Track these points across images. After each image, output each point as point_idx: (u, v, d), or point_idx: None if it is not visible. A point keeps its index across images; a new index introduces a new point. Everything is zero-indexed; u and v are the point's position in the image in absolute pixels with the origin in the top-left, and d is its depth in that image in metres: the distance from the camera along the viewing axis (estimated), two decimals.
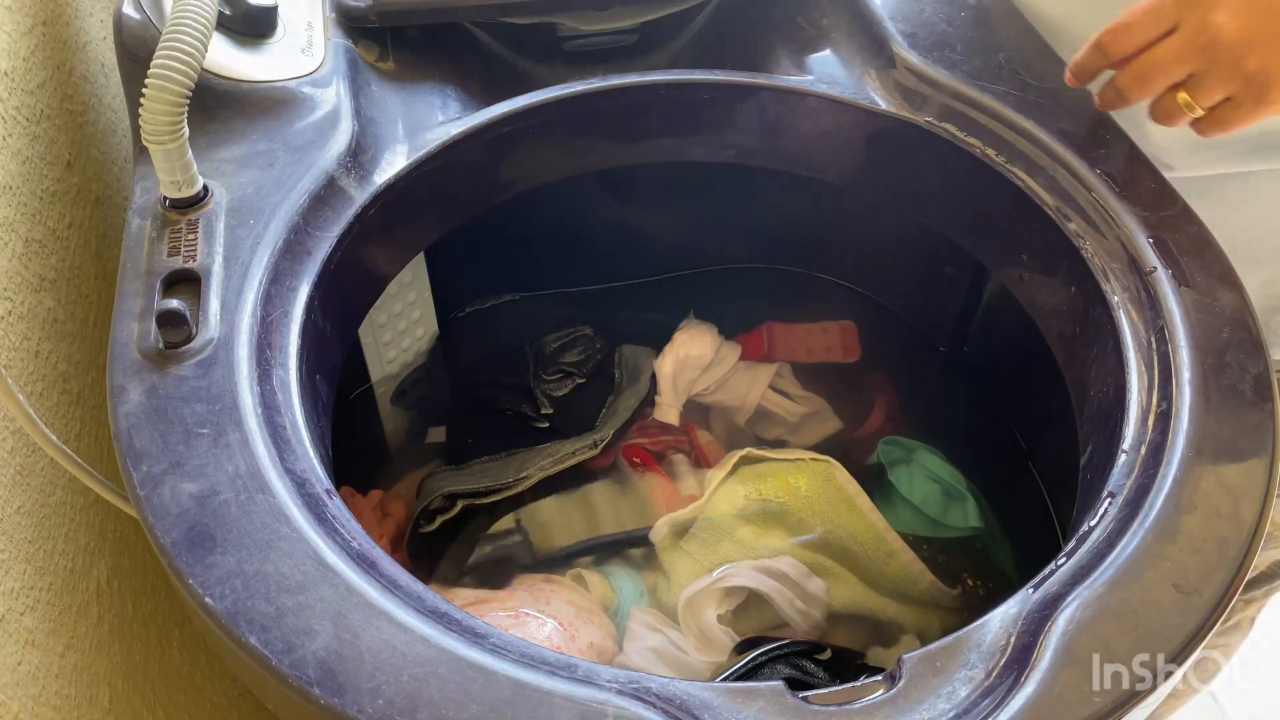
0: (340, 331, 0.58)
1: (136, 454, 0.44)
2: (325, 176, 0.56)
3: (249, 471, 0.43)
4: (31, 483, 0.53)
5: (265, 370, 0.48)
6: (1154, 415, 0.48)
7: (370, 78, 0.65)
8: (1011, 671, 0.39)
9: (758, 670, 0.56)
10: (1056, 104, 0.62)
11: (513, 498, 0.71)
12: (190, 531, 0.42)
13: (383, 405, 0.78)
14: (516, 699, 0.37)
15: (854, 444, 0.77)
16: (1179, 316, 0.51)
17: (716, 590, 0.63)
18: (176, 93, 0.49)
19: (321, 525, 0.42)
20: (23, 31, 0.58)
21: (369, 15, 0.65)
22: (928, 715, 0.38)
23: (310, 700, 0.37)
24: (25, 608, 0.50)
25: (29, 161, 0.57)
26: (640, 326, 0.82)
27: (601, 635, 0.61)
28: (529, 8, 0.67)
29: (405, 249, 0.65)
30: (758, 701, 0.38)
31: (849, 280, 0.86)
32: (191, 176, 0.53)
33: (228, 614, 0.39)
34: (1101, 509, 0.45)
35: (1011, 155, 0.60)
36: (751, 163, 0.70)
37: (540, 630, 0.58)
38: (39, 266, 0.57)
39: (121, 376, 0.47)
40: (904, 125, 0.63)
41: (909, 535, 0.68)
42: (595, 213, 0.79)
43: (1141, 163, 0.59)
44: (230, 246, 0.52)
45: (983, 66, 0.64)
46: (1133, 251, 0.54)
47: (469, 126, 0.62)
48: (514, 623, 0.59)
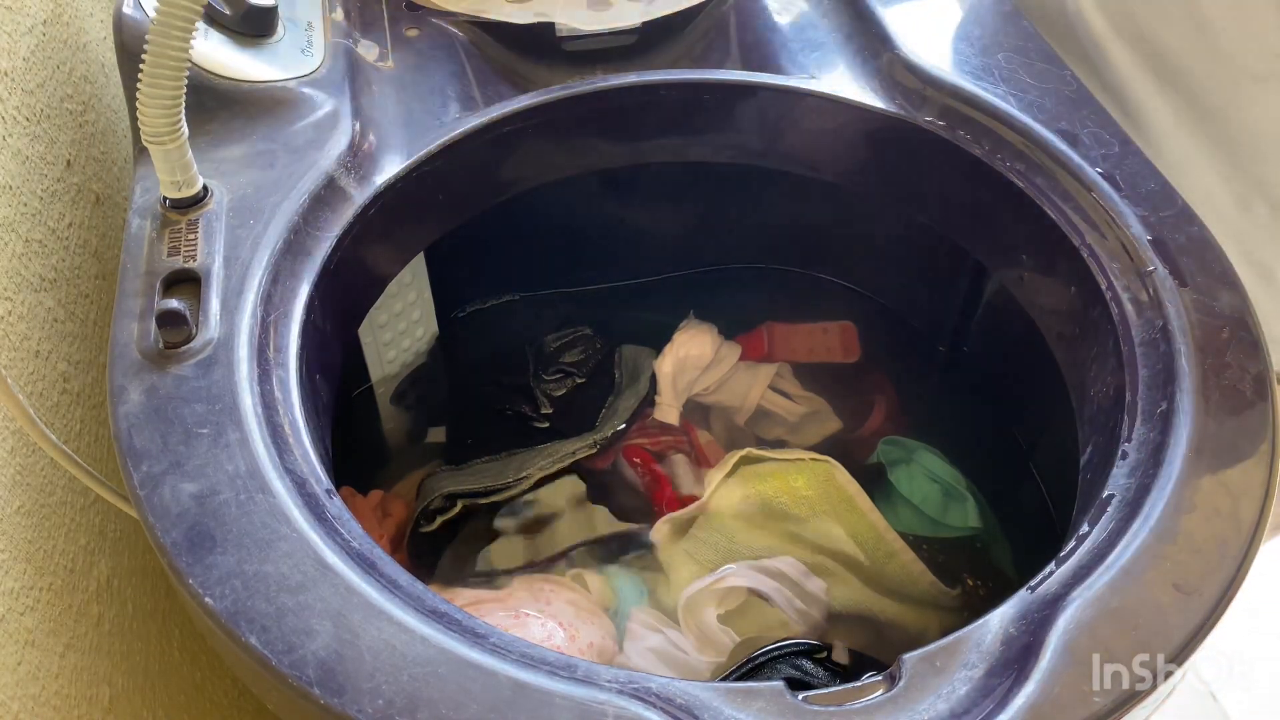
0: (340, 331, 0.58)
1: (136, 454, 0.44)
2: (325, 176, 0.56)
3: (249, 471, 0.44)
4: (31, 483, 0.53)
5: (265, 370, 0.48)
6: (1154, 415, 0.48)
7: (370, 78, 0.65)
8: (1011, 671, 0.39)
9: (758, 670, 0.56)
10: (1056, 104, 0.62)
11: (512, 498, 0.71)
12: (190, 531, 0.42)
13: (383, 405, 0.78)
14: (516, 699, 0.37)
15: (854, 444, 0.77)
16: (1179, 316, 0.51)
17: (716, 590, 0.63)
18: (169, 91, 0.49)
19: (321, 525, 0.42)
20: (23, 31, 0.58)
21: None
22: (927, 715, 0.38)
23: (310, 700, 0.37)
24: (25, 608, 0.50)
25: (29, 161, 0.57)
26: (640, 326, 0.82)
27: (601, 635, 0.61)
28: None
29: (405, 249, 0.65)
30: (758, 701, 0.38)
31: (849, 280, 0.86)
32: (191, 176, 0.53)
33: (228, 614, 0.39)
34: (1101, 509, 0.45)
35: (1011, 155, 0.60)
36: (751, 162, 0.70)
37: (540, 630, 0.58)
38: (39, 266, 0.57)
39: (121, 376, 0.47)
40: (904, 125, 0.63)
41: (909, 535, 0.68)
42: (595, 213, 0.79)
43: (1142, 162, 0.59)
44: (230, 246, 0.52)
45: (983, 66, 0.64)
46: (1132, 251, 0.54)
47: (469, 126, 0.62)
48: (514, 623, 0.59)
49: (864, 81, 0.66)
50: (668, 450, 0.75)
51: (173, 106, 0.50)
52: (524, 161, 0.66)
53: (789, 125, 0.67)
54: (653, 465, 0.74)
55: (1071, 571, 0.43)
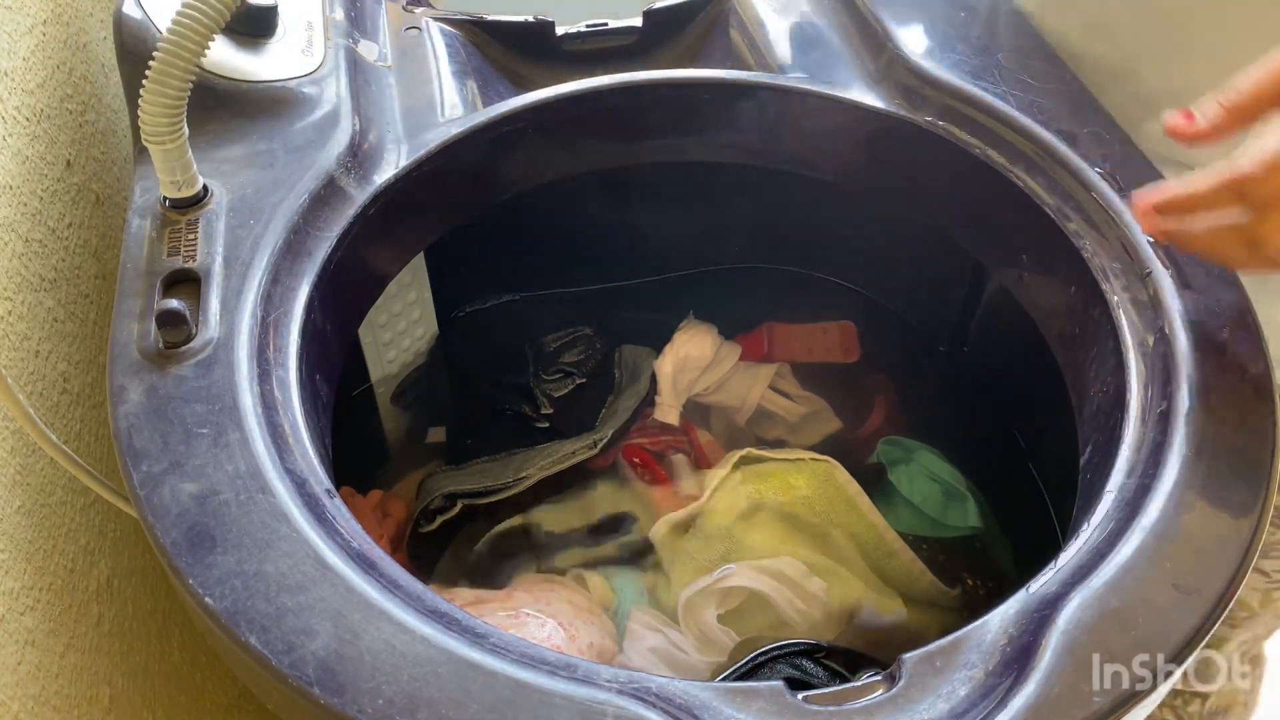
0: (340, 331, 0.58)
1: (136, 454, 0.44)
2: (325, 176, 0.56)
3: (249, 471, 0.43)
4: (31, 483, 0.53)
5: (265, 370, 0.48)
6: (1154, 415, 0.48)
7: (370, 77, 0.65)
8: (1011, 671, 0.39)
9: (758, 670, 0.56)
10: (1056, 104, 0.62)
11: (512, 498, 0.71)
12: (190, 531, 0.42)
13: (383, 405, 0.78)
14: (516, 699, 0.37)
15: (854, 444, 0.77)
16: (1179, 316, 0.51)
17: (716, 590, 0.63)
18: (174, 93, 0.49)
19: (321, 525, 0.42)
20: (23, 31, 0.58)
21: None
22: (927, 715, 0.38)
23: (310, 700, 0.37)
24: (25, 608, 0.50)
25: (29, 161, 0.57)
26: (640, 326, 0.82)
27: (601, 635, 0.61)
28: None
29: (405, 249, 0.65)
30: (757, 701, 0.38)
31: (849, 280, 0.86)
32: (191, 176, 0.53)
33: (227, 614, 0.39)
34: (1101, 509, 0.45)
35: (1011, 155, 0.60)
36: (751, 162, 0.70)
37: (540, 630, 0.58)
38: (39, 266, 0.57)
39: (121, 376, 0.47)
40: (904, 125, 0.63)
41: (909, 535, 0.68)
42: (595, 213, 0.79)
43: (1142, 163, 0.59)
44: (230, 246, 0.52)
45: (983, 66, 0.64)
46: (1133, 251, 0.54)
47: (469, 126, 0.62)
48: (514, 623, 0.59)
49: (864, 81, 0.66)
50: (668, 450, 0.75)
51: (175, 107, 0.50)
52: (524, 161, 0.66)
53: (789, 125, 0.67)
54: (653, 465, 0.74)
55: (1071, 571, 0.43)
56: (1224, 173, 0.45)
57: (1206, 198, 0.47)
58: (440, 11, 0.71)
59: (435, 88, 0.65)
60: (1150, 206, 0.49)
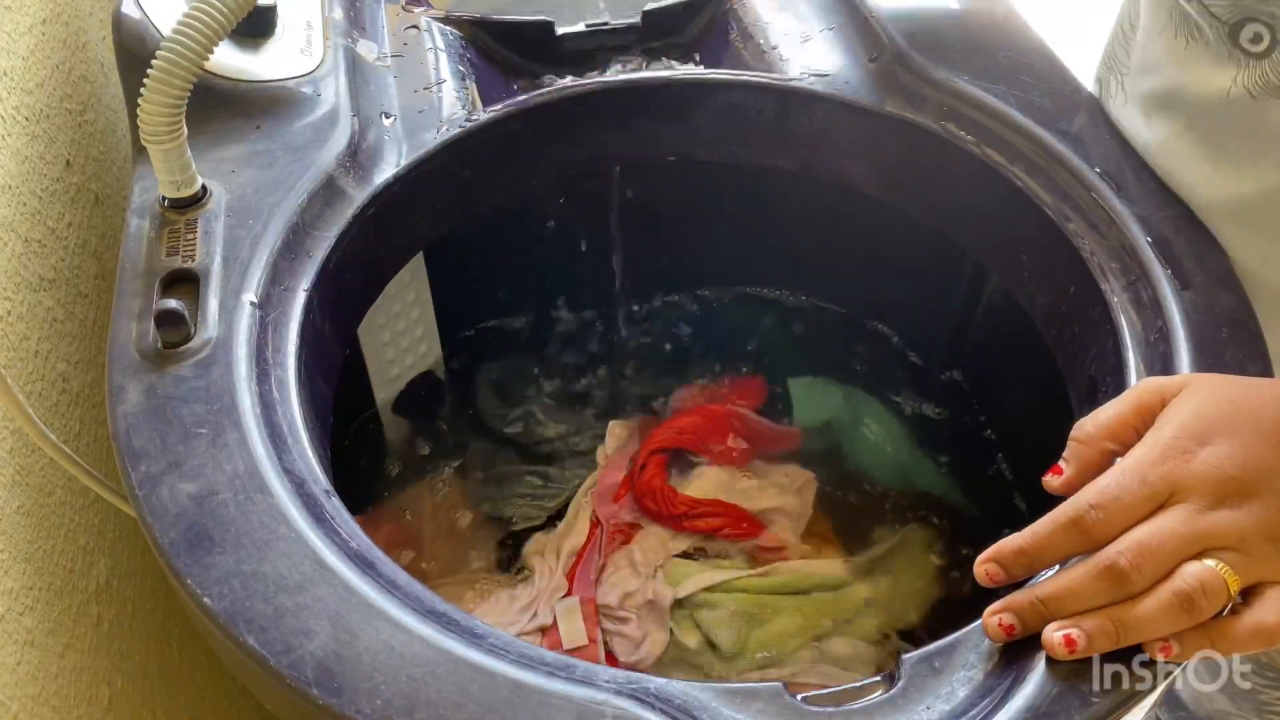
0: (339, 332, 0.58)
1: (135, 454, 0.44)
2: (324, 176, 0.56)
3: (247, 471, 0.43)
4: (31, 483, 0.53)
5: (264, 370, 0.48)
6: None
7: (369, 77, 0.65)
8: (1011, 671, 0.39)
9: None
10: (1056, 104, 0.62)
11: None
12: (189, 531, 0.42)
13: (385, 420, 0.78)
14: (515, 699, 0.37)
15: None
16: (1179, 316, 0.50)
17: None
18: (175, 93, 0.49)
19: (320, 525, 0.42)
20: (22, 31, 0.58)
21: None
22: (927, 715, 0.38)
23: (308, 700, 0.37)
24: (25, 608, 0.50)
25: (28, 161, 0.57)
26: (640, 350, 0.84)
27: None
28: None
29: (404, 249, 0.65)
30: (756, 702, 0.38)
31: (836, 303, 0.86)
32: (190, 176, 0.53)
33: (226, 614, 0.39)
34: None
35: (1011, 155, 0.60)
36: (751, 161, 0.70)
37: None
38: (38, 266, 0.57)
39: (120, 376, 0.47)
40: (904, 125, 0.63)
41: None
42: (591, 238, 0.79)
43: (1141, 163, 0.58)
44: (229, 246, 0.52)
45: (983, 66, 0.64)
46: (1132, 252, 0.54)
47: (469, 126, 0.62)
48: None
49: (863, 81, 0.66)
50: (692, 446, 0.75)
51: (174, 108, 0.50)
52: (523, 161, 0.66)
53: (788, 124, 0.67)
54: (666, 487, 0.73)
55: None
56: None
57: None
58: (440, 11, 0.71)
59: (434, 87, 0.65)
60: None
